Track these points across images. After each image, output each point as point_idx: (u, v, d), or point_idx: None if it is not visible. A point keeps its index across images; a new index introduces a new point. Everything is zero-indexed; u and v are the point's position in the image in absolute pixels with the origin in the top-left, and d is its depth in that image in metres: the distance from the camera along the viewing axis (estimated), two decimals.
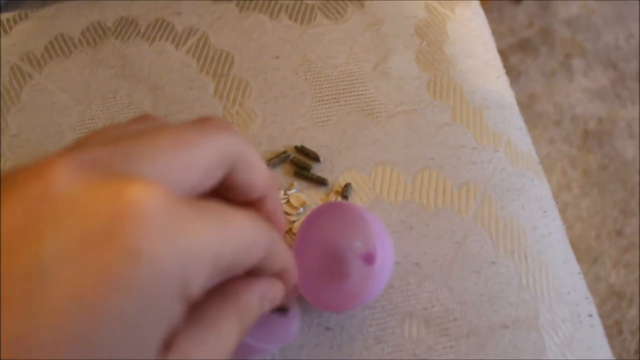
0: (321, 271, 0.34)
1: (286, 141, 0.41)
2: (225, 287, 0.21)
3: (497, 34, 1.32)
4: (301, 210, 0.37)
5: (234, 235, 0.17)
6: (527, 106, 1.18)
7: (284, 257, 0.22)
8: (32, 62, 0.46)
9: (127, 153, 0.17)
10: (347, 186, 0.38)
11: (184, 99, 0.43)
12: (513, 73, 1.23)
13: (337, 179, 0.39)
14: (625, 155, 1.11)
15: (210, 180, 0.20)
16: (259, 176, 0.22)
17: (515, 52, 1.27)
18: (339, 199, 0.38)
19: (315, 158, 0.39)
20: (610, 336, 0.97)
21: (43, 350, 0.13)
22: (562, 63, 1.23)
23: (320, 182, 0.38)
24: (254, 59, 0.44)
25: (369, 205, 0.38)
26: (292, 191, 0.38)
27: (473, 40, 0.47)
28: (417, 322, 0.35)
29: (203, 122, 0.20)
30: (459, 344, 0.34)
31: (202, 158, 0.19)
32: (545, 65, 1.24)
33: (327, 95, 0.42)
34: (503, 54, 1.29)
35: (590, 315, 0.38)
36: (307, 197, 0.38)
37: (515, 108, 0.46)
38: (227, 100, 0.42)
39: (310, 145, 0.40)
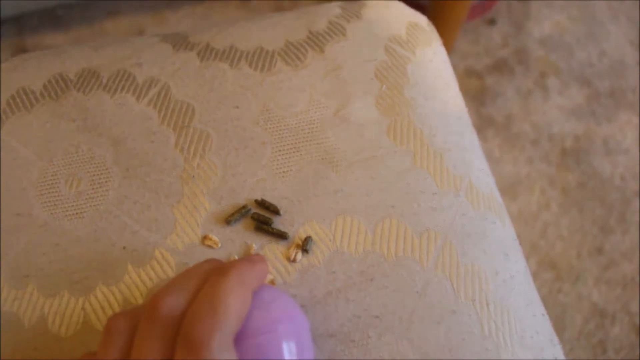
0: None
1: (247, 194, 0.40)
2: None
3: (473, 55, 1.33)
4: None
5: None
6: (504, 127, 1.19)
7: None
8: None
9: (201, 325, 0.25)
10: (307, 239, 0.38)
11: (145, 152, 0.43)
12: (490, 94, 1.25)
13: (298, 232, 0.39)
14: (602, 173, 1.12)
15: None
16: None
17: (491, 73, 1.28)
18: (300, 252, 0.38)
19: (276, 211, 0.39)
20: (595, 356, 0.97)
21: None
22: (538, 82, 1.25)
23: (281, 235, 0.38)
24: (214, 110, 0.44)
25: (328, 257, 0.38)
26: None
27: (433, 82, 0.48)
28: None
29: (252, 265, 0.30)
30: None
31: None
32: (521, 85, 1.25)
33: (288, 144, 0.42)
34: (479, 75, 1.30)
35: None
36: (268, 252, 0.38)
37: (478, 148, 0.46)
38: (187, 152, 0.42)
39: (271, 197, 0.40)
